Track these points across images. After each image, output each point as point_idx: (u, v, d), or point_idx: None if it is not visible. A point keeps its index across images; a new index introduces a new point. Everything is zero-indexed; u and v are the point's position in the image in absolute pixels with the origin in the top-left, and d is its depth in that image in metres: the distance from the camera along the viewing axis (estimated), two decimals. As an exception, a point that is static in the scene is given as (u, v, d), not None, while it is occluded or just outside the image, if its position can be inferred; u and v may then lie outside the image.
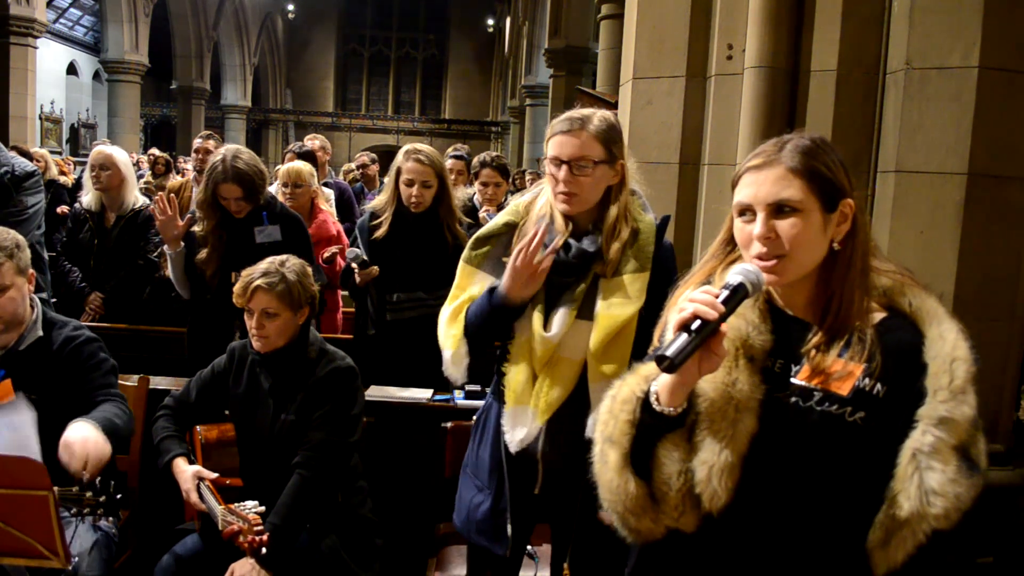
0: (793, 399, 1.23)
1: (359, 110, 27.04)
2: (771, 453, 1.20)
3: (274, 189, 4.04)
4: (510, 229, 1.87)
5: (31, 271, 2.21)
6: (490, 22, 24.87)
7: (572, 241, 1.78)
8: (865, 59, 2.54)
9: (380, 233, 3.02)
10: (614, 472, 1.23)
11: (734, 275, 1.18)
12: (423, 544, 2.47)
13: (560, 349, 1.76)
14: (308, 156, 4.67)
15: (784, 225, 1.20)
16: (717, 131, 2.84)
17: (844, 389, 1.20)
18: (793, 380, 1.24)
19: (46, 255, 3.45)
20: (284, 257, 2.29)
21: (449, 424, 2.37)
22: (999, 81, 2.32)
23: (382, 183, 6.60)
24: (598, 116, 1.77)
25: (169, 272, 3.11)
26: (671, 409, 1.19)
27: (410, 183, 2.97)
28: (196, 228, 3.02)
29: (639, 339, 1.72)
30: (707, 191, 2.88)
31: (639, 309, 1.73)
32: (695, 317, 1.12)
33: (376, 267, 3.00)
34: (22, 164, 3.35)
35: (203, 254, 2.96)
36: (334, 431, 2.18)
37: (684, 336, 1.11)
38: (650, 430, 1.22)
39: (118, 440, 1.98)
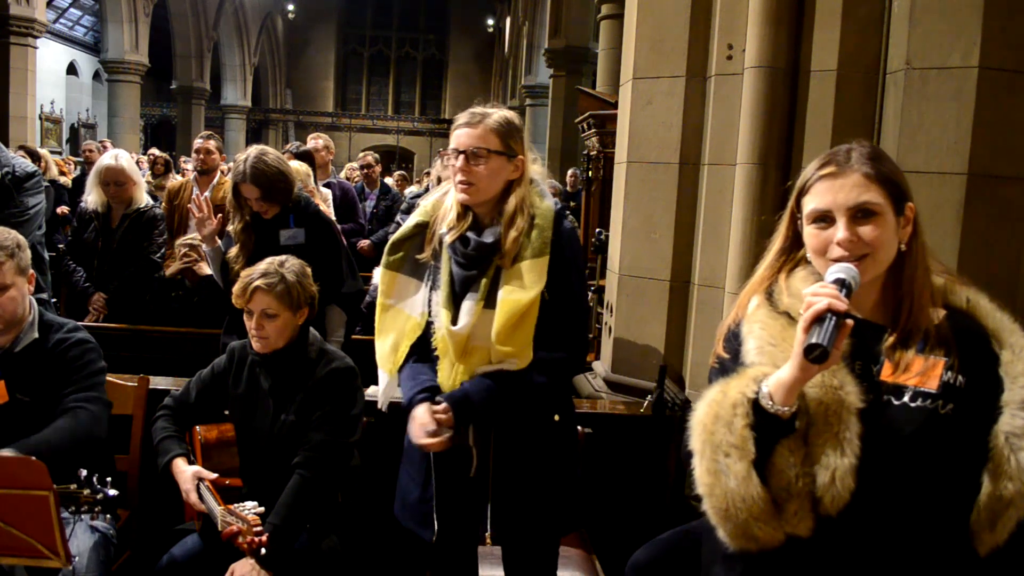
0: (885, 398, 1.28)
1: (359, 110, 27.04)
2: (878, 452, 1.25)
3: None
4: (421, 229, 1.96)
5: (31, 271, 2.20)
6: (490, 22, 24.87)
7: (471, 235, 1.87)
8: (865, 59, 2.54)
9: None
10: (740, 481, 1.24)
11: (837, 272, 1.24)
12: (423, 544, 2.47)
13: (472, 339, 1.84)
14: (306, 156, 4.67)
15: (865, 229, 1.27)
16: (717, 131, 2.83)
17: (932, 384, 1.27)
18: (880, 380, 1.29)
19: (46, 255, 3.44)
20: (284, 257, 2.28)
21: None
22: (999, 81, 2.32)
23: (383, 183, 6.63)
24: (499, 113, 1.87)
25: (207, 269, 3.14)
26: (785, 409, 1.22)
27: None
28: (229, 227, 3.05)
29: (543, 321, 1.81)
30: (707, 191, 2.88)
31: (539, 293, 1.80)
32: (828, 309, 1.16)
33: None
34: (23, 165, 3.35)
35: (233, 251, 2.99)
36: (334, 431, 2.18)
37: (821, 326, 1.16)
38: (767, 435, 1.24)
39: (53, 459, 1.79)
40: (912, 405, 1.26)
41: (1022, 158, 2.37)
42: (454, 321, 1.84)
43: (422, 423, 1.78)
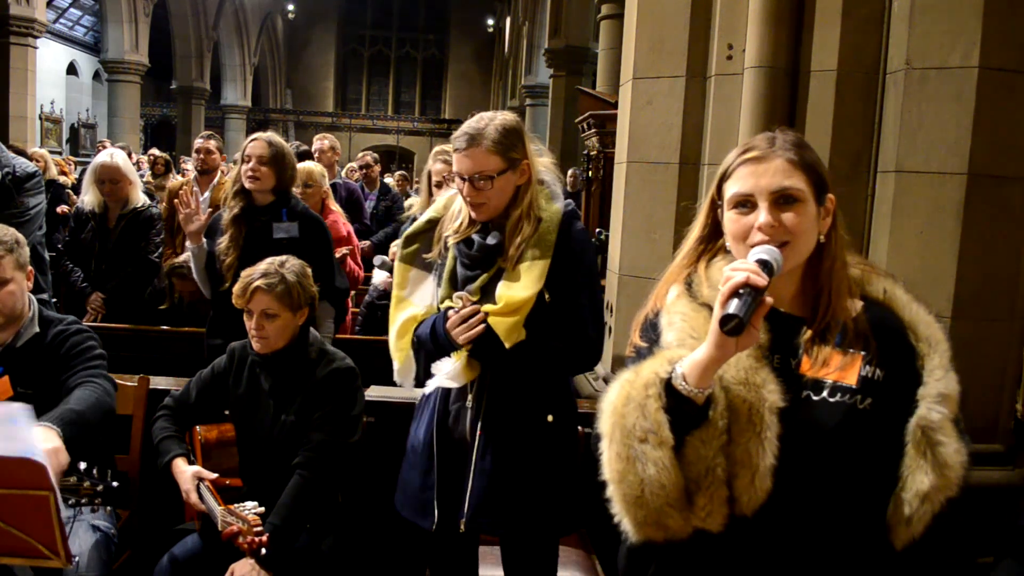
0: (804, 393, 1.26)
1: (359, 110, 27.05)
2: (798, 450, 1.23)
3: None
4: (432, 225, 1.99)
5: (30, 268, 2.21)
6: (490, 22, 24.87)
7: (476, 237, 1.89)
8: (865, 59, 2.54)
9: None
10: (660, 469, 1.19)
11: (760, 253, 1.20)
12: (423, 544, 2.47)
13: None
14: (305, 156, 4.67)
15: (787, 215, 1.24)
16: (717, 131, 2.83)
17: (851, 379, 1.25)
18: (800, 374, 1.27)
19: (47, 255, 3.44)
20: (284, 258, 2.28)
21: (449, 424, 2.36)
22: (999, 81, 2.32)
23: (383, 183, 6.63)
24: (492, 126, 1.84)
25: (192, 269, 3.14)
26: (699, 391, 1.18)
27: (439, 185, 2.99)
28: (224, 214, 3.04)
29: (541, 322, 1.83)
30: (707, 191, 2.88)
31: (534, 294, 1.81)
32: (746, 283, 1.13)
33: None
34: (23, 165, 3.34)
35: (223, 242, 2.97)
36: (334, 431, 2.18)
37: (738, 300, 1.12)
38: (680, 421, 1.20)
39: (84, 426, 1.95)
40: (831, 400, 1.24)
41: (1022, 158, 2.37)
42: None
43: (457, 317, 1.81)
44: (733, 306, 1.12)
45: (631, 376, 1.24)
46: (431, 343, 1.90)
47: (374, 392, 2.80)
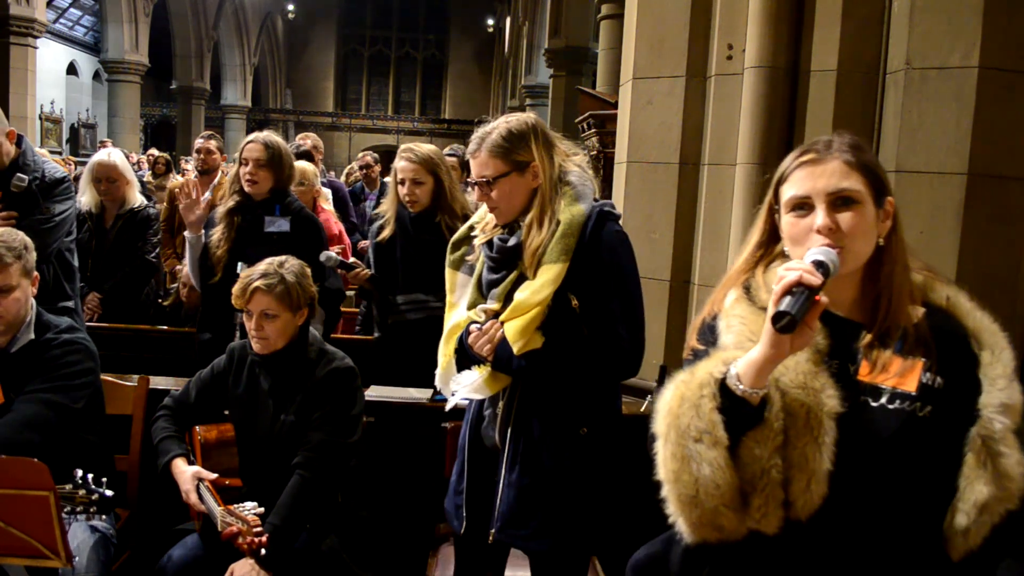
0: (863, 398, 1.25)
1: (359, 110, 27.05)
2: (855, 456, 1.22)
3: None
4: (473, 230, 1.98)
5: (36, 274, 2.21)
6: (490, 22, 24.87)
7: (497, 239, 1.87)
8: (865, 59, 2.54)
9: (383, 235, 3.05)
10: (715, 469, 1.18)
11: (816, 254, 1.19)
12: (423, 544, 2.47)
13: None
14: (305, 156, 4.67)
15: (844, 217, 1.23)
16: (717, 131, 2.83)
17: (911, 386, 1.23)
18: (858, 379, 1.26)
19: (76, 262, 3.36)
20: (283, 258, 2.28)
21: (449, 424, 2.36)
22: (999, 81, 2.32)
23: (383, 183, 6.63)
24: (497, 130, 1.82)
25: (185, 261, 3.13)
26: (754, 391, 1.17)
27: (402, 182, 2.98)
28: (218, 208, 3.05)
29: (560, 326, 1.78)
30: (707, 191, 2.88)
31: (547, 297, 1.76)
32: (799, 282, 1.12)
33: (364, 268, 3.02)
34: (52, 170, 3.24)
35: (215, 234, 2.98)
36: (334, 431, 2.18)
37: (791, 298, 1.12)
38: (734, 420, 1.19)
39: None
40: (890, 407, 1.23)
41: (1022, 158, 2.37)
42: None
43: (478, 332, 1.82)
44: (785, 304, 1.12)
45: (686, 377, 1.24)
46: (461, 355, 1.90)
47: (374, 392, 2.81)
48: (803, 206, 1.26)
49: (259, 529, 1.94)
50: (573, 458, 1.83)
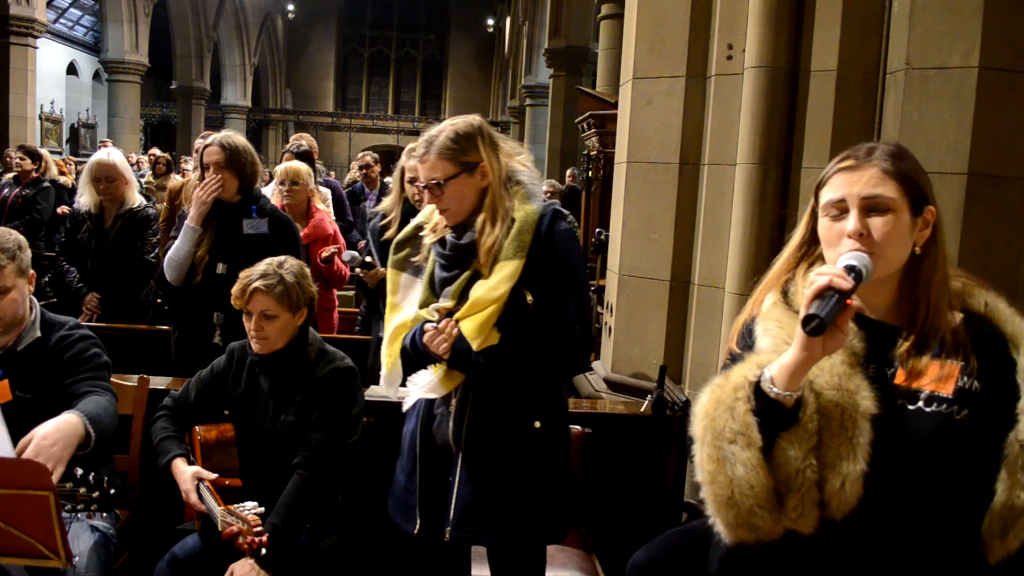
0: (900, 402, 1.26)
1: (359, 110, 27.04)
2: (890, 458, 1.23)
3: (269, 189, 4.05)
4: (420, 230, 2.01)
5: (32, 272, 2.21)
6: (490, 22, 24.87)
7: (450, 237, 1.90)
8: (865, 59, 2.54)
9: (389, 234, 3.06)
10: (749, 469, 1.20)
11: (848, 259, 1.21)
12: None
13: None
14: (306, 156, 4.68)
15: (877, 223, 1.25)
16: (717, 131, 2.83)
17: (948, 389, 1.24)
18: (895, 384, 1.27)
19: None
20: (283, 258, 2.28)
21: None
22: (999, 81, 2.32)
23: (383, 183, 6.63)
24: (444, 133, 1.85)
25: (178, 250, 3.07)
26: (787, 394, 1.19)
27: (412, 180, 2.99)
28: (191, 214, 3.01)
29: (515, 322, 1.82)
30: (707, 191, 2.88)
31: (504, 294, 1.79)
32: (830, 287, 1.14)
33: (382, 268, 3.02)
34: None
35: None
36: (334, 432, 2.18)
37: (821, 301, 1.14)
38: (769, 423, 1.21)
39: (101, 433, 1.94)
40: (927, 410, 1.24)
41: (1022, 158, 2.37)
42: None
43: (434, 331, 1.82)
44: (815, 307, 1.13)
45: (721, 380, 1.27)
46: (413, 355, 1.91)
47: (374, 392, 2.80)
48: (839, 210, 1.29)
49: (259, 529, 1.94)
50: (528, 451, 1.88)
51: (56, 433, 1.82)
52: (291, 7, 24.29)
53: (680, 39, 2.88)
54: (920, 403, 1.25)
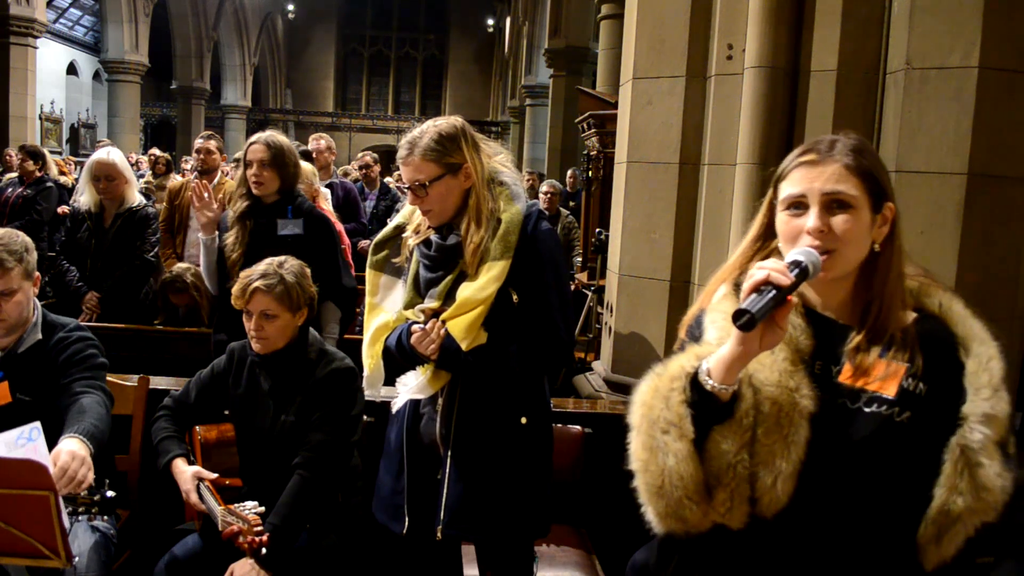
0: (841, 401, 1.24)
1: (359, 110, 27.03)
2: (825, 457, 1.21)
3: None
4: (400, 231, 2.01)
5: (37, 275, 2.21)
6: (490, 22, 24.87)
7: (435, 238, 1.91)
8: (865, 59, 2.54)
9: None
10: (679, 460, 1.19)
11: (796, 254, 1.19)
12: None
13: None
14: (306, 156, 4.67)
15: (837, 220, 1.23)
16: (717, 131, 2.83)
17: (890, 390, 1.22)
18: (839, 382, 1.25)
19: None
20: (283, 258, 2.28)
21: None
22: (999, 81, 2.32)
23: (383, 183, 6.63)
24: (428, 134, 1.87)
25: (202, 265, 3.12)
26: (723, 387, 1.17)
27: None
28: (229, 212, 3.05)
29: (501, 321, 1.84)
30: (707, 191, 2.88)
31: (492, 294, 1.81)
32: (767, 281, 1.12)
33: None
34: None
35: (229, 237, 2.99)
36: (334, 432, 2.18)
37: (757, 296, 1.12)
38: (703, 415, 1.20)
39: (98, 445, 1.91)
40: (867, 411, 1.22)
41: (1022, 158, 2.37)
42: None
43: (421, 333, 1.83)
44: (748, 301, 1.11)
45: (661, 369, 1.26)
46: (399, 356, 1.92)
47: (374, 392, 2.80)
48: (798, 205, 1.26)
49: (259, 529, 1.94)
50: (516, 447, 1.91)
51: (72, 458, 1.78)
52: (291, 7, 24.28)
53: (680, 39, 2.88)
54: (861, 403, 1.23)
